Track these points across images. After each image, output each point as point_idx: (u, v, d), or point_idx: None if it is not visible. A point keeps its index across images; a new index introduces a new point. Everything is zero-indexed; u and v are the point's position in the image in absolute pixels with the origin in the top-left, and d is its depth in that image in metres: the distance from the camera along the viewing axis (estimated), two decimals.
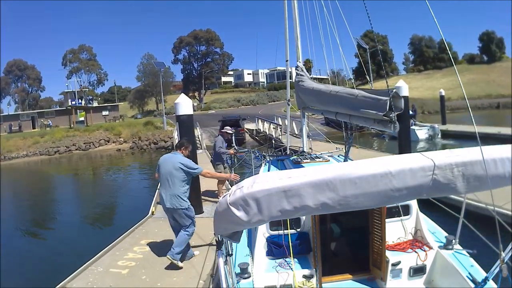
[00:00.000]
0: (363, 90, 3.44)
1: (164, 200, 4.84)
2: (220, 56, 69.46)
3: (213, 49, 68.38)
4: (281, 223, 3.54)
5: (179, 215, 4.85)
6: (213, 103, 58.62)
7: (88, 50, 66.47)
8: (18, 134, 36.24)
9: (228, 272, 2.40)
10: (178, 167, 4.80)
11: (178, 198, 4.76)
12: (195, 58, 68.72)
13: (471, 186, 1.77)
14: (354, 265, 3.62)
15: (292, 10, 5.96)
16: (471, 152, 1.80)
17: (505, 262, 2.24)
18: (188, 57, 68.60)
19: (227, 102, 57.74)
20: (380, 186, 1.69)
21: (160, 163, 5.01)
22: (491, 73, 55.90)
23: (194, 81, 67.68)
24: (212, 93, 70.69)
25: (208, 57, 68.52)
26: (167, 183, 4.82)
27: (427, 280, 3.36)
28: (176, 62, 69.41)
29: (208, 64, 67.53)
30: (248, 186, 1.74)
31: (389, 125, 3.02)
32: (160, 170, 4.96)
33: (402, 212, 3.60)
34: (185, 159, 4.96)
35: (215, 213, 1.94)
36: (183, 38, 67.04)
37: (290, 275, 3.17)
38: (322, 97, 4.39)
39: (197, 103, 62.03)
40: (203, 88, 65.22)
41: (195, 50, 67.88)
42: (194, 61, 69.02)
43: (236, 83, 79.79)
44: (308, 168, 1.83)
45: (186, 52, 68.62)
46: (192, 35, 66.64)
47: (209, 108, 55.28)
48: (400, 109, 2.97)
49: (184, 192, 4.82)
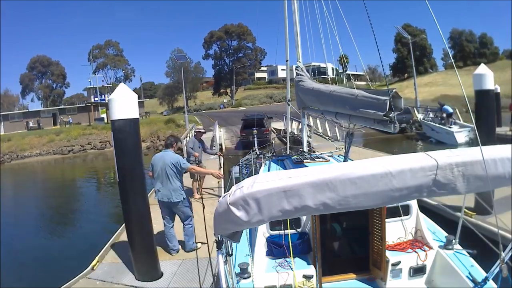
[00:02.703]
0: (363, 90, 3.45)
1: (161, 195, 5.26)
2: (253, 51, 66.06)
3: (245, 44, 65.20)
4: (281, 223, 3.54)
5: (177, 209, 5.33)
6: (244, 99, 56.56)
7: (114, 45, 64.72)
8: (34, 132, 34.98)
9: (228, 272, 2.40)
10: (171, 163, 5.21)
11: (176, 192, 5.22)
12: (227, 54, 65.79)
13: (471, 186, 1.77)
14: (354, 265, 3.62)
15: (292, 10, 5.95)
16: (471, 152, 1.80)
17: (505, 262, 2.24)
18: (220, 52, 65.63)
19: (259, 98, 55.08)
20: (380, 186, 1.69)
21: (154, 162, 5.40)
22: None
23: (225, 77, 64.82)
24: (245, 89, 68.11)
25: (240, 52, 65.58)
26: (164, 179, 5.22)
27: (427, 280, 3.36)
28: (207, 57, 66.73)
29: (240, 59, 64.93)
30: (248, 186, 1.74)
31: (389, 125, 3.02)
32: (155, 168, 5.35)
33: (402, 212, 3.60)
34: (176, 155, 5.37)
35: (215, 213, 1.94)
36: (214, 33, 64.29)
37: (290, 275, 3.17)
38: (322, 97, 4.40)
39: (227, 100, 61.19)
40: (234, 84, 62.62)
41: (227, 45, 65.11)
42: (226, 57, 65.99)
43: (270, 79, 75.02)
44: (308, 168, 1.83)
45: (217, 47, 65.81)
46: (223, 29, 63.85)
47: (240, 104, 53.43)
48: (400, 109, 2.97)
49: (180, 186, 5.29)
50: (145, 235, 4.89)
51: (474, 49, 59.40)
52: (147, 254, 4.89)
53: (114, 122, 4.60)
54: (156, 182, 5.37)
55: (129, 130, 4.62)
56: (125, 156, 4.68)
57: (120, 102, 4.58)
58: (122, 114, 4.56)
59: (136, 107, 4.72)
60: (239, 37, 63.95)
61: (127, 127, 4.60)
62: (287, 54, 7.42)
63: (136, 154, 4.80)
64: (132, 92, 4.73)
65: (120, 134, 4.61)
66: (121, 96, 4.61)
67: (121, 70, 64.49)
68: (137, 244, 4.85)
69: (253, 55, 66.62)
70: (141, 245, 4.86)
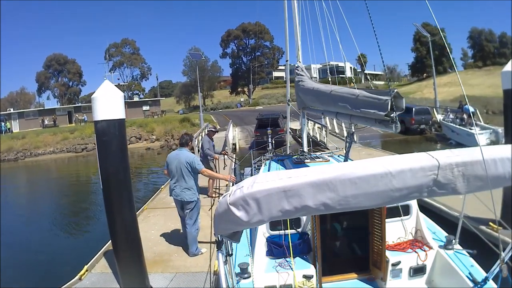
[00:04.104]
0: (364, 90, 3.45)
1: (175, 193, 5.25)
2: (270, 50, 65.20)
3: (262, 43, 64.18)
4: (281, 223, 3.54)
5: (188, 208, 5.25)
6: (261, 98, 56.24)
7: (131, 43, 64.43)
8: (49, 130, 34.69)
9: (228, 272, 2.40)
10: (186, 162, 5.17)
11: (190, 191, 5.20)
12: (244, 52, 65.21)
13: (471, 186, 1.77)
14: (354, 265, 3.62)
15: (292, 10, 5.96)
16: (471, 152, 1.80)
17: (505, 262, 2.24)
18: (237, 51, 65.08)
19: (277, 97, 54.00)
20: (380, 186, 1.68)
21: (169, 161, 5.37)
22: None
23: (243, 76, 64.35)
24: (262, 88, 67.72)
25: (258, 51, 64.06)
26: (179, 178, 5.22)
27: (427, 280, 3.36)
28: (224, 56, 66.07)
29: (258, 58, 63.71)
30: (248, 186, 1.74)
31: (390, 125, 3.01)
32: (170, 166, 5.32)
33: (402, 212, 3.60)
34: (191, 155, 5.33)
35: (215, 213, 1.94)
36: (231, 31, 63.88)
37: (290, 275, 3.17)
38: (322, 97, 4.39)
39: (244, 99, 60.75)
40: (251, 83, 61.86)
41: (244, 43, 64.51)
42: (243, 55, 65.44)
43: None
44: (308, 168, 1.83)
45: (234, 46, 65.15)
46: (240, 28, 63.42)
47: (257, 103, 53.28)
48: (401, 109, 2.97)
49: (194, 185, 5.26)
50: (132, 247, 4.44)
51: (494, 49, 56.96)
52: (134, 268, 4.47)
53: (97, 124, 4.13)
54: (171, 181, 5.38)
55: (114, 132, 4.13)
56: (109, 161, 4.21)
57: (103, 101, 4.10)
58: (106, 115, 4.09)
59: (121, 106, 4.23)
60: (256, 36, 63.09)
61: (111, 129, 4.11)
62: (287, 54, 7.47)
63: (122, 158, 4.28)
64: (118, 90, 4.27)
65: (104, 136, 4.12)
66: (105, 94, 4.11)
67: (138, 69, 64.46)
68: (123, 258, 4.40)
69: (271, 53, 65.90)
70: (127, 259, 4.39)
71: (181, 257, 5.42)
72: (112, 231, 4.45)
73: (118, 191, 4.31)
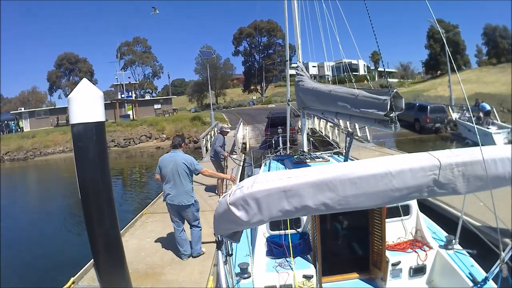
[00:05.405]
0: (364, 89, 3.45)
1: (171, 197, 4.97)
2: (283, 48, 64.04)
3: (275, 41, 63.00)
4: (281, 223, 3.54)
5: (186, 212, 5.05)
6: (274, 96, 55.23)
7: (143, 42, 63.93)
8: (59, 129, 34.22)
9: (228, 272, 2.40)
10: (184, 164, 4.94)
11: (187, 195, 4.97)
12: (257, 50, 64.10)
13: (471, 186, 1.77)
14: (354, 265, 3.62)
15: (292, 10, 5.95)
16: (471, 152, 1.80)
17: (505, 262, 2.24)
18: (249, 49, 64.32)
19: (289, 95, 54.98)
20: (380, 186, 1.68)
21: (162, 164, 5.06)
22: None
23: (255, 74, 62.13)
24: (275, 86, 66.38)
25: (270, 48, 63.74)
26: (176, 181, 4.95)
27: (428, 280, 3.36)
28: (236, 54, 65.34)
29: (270, 56, 63.06)
30: (248, 186, 1.74)
31: (390, 125, 3.01)
32: (163, 170, 5.01)
33: (402, 212, 3.60)
34: (187, 156, 5.11)
35: (215, 213, 1.94)
36: (243, 29, 63.07)
37: (290, 275, 3.17)
38: (322, 97, 4.39)
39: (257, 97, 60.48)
40: (264, 81, 60.78)
41: (256, 41, 63.45)
42: (256, 53, 64.33)
43: None
44: (308, 168, 1.83)
45: (247, 44, 64.38)
46: (252, 25, 61.93)
47: (269, 101, 52.43)
48: (400, 109, 2.97)
49: (191, 188, 5.04)
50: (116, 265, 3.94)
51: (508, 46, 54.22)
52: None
53: (73, 127, 3.64)
54: (165, 185, 5.05)
55: (92, 136, 3.64)
56: (88, 168, 3.71)
57: (81, 102, 3.62)
58: (84, 117, 3.61)
59: (101, 108, 3.75)
60: (269, 34, 62.81)
61: (88, 133, 3.63)
62: (287, 54, 7.49)
63: (101, 166, 3.78)
64: (97, 90, 3.79)
65: (81, 141, 3.64)
66: (82, 94, 3.65)
67: (149, 67, 64.18)
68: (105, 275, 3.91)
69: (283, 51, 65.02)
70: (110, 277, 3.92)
71: (175, 270, 4.99)
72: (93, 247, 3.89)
73: (97, 202, 3.80)
